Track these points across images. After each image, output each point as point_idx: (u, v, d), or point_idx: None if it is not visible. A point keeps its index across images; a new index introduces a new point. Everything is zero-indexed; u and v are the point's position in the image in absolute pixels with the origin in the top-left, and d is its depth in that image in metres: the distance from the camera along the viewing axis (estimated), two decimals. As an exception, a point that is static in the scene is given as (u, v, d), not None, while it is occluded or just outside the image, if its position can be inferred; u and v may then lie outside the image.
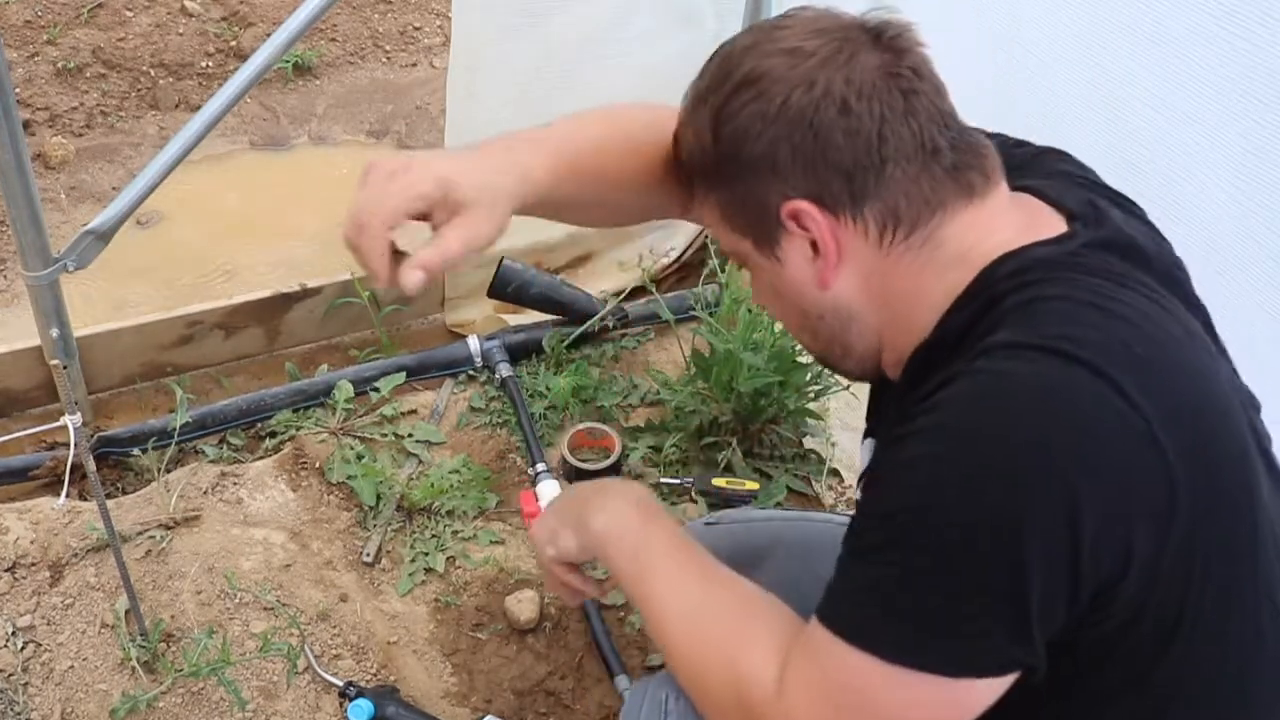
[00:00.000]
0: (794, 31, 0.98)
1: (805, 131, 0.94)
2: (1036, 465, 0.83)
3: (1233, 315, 1.03)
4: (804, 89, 0.94)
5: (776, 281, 1.03)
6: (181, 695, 1.71)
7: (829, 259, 0.97)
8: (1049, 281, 0.91)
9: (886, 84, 0.94)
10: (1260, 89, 1.39)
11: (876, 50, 0.95)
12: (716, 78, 1.00)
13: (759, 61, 0.96)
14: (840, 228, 0.96)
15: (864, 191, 0.94)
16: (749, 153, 0.96)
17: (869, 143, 0.93)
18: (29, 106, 3.16)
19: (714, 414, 2.18)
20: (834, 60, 0.94)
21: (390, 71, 3.63)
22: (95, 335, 2.20)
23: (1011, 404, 0.85)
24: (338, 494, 2.08)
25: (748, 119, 0.96)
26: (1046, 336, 0.86)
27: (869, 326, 1.02)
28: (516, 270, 2.38)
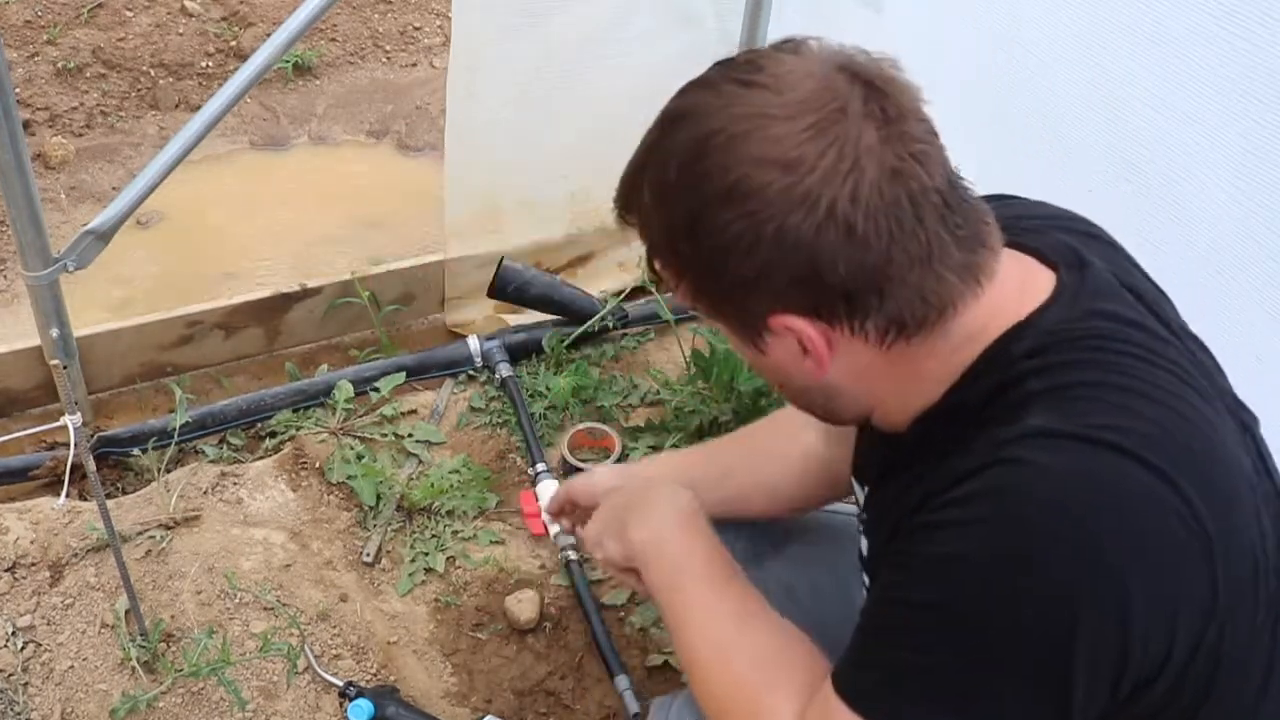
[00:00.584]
0: (778, 109, 0.85)
1: (802, 256, 0.85)
2: (1088, 571, 0.80)
3: (1233, 315, 1.03)
4: (803, 211, 0.84)
5: (757, 360, 0.97)
6: (181, 695, 1.71)
7: (820, 363, 0.91)
8: (1073, 365, 0.87)
9: (893, 190, 0.84)
10: (1260, 89, 1.39)
11: (872, 125, 0.85)
12: (689, 169, 0.87)
13: (747, 171, 0.84)
14: (836, 335, 0.90)
15: (866, 309, 0.87)
16: (736, 269, 0.87)
17: (875, 265, 0.85)
18: (29, 106, 3.16)
19: (714, 414, 2.18)
20: (835, 174, 0.83)
21: (390, 71, 3.63)
22: (95, 335, 2.20)
23: (1059, 500, 0.81)
24: (338, 494, 2.08)
25: (734, 237, 0.86)
26: (1089, 426, 0.83)
27: (859, 402, 0.98)
28: (516, 271, 2.38)
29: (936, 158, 0.88)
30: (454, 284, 2.49)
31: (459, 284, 2.49)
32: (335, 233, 2.95)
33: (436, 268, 2.48)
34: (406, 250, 2.78)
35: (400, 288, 2.48)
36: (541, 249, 2.52)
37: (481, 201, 2.42)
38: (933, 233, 0.86)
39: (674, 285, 0.96)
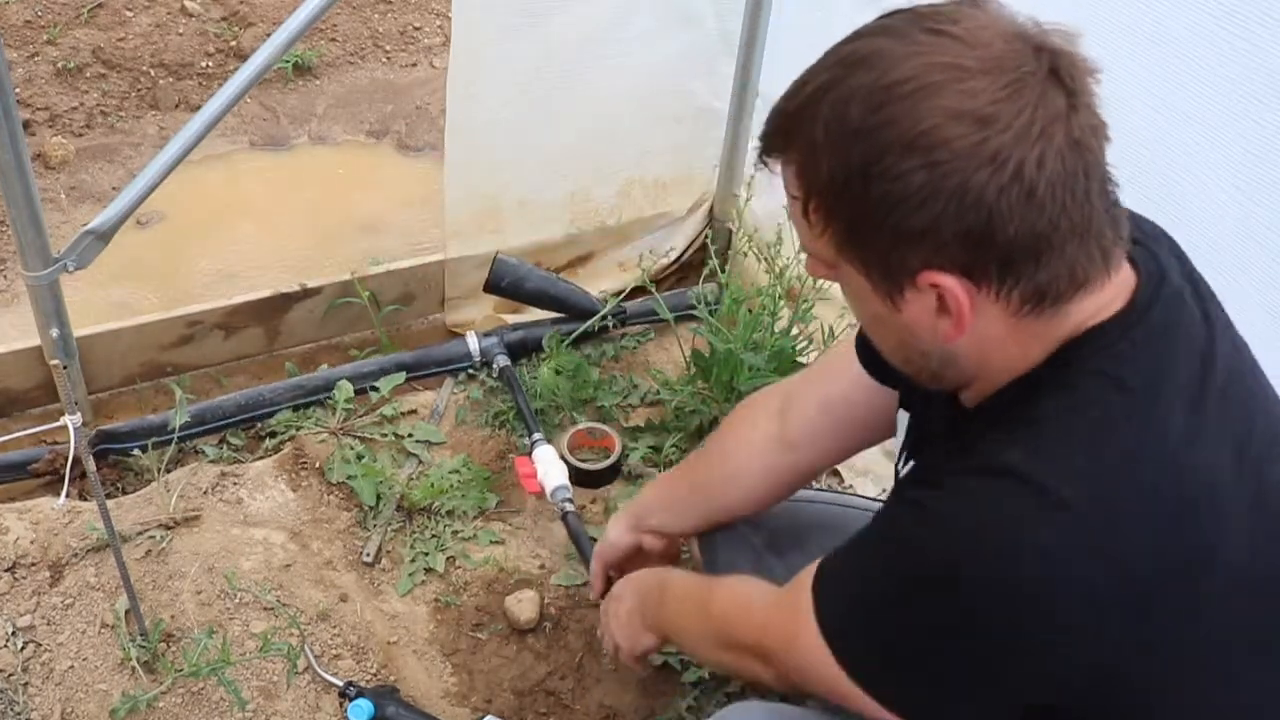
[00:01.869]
0: (974, 63, 0.85)
1: (980, 214, 0.85)
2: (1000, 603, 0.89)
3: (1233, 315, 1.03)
4: (990, 169, 0.84)
5: (881, 314, 0.96)
6: (181, 695, 1.71)
7: (960, 327, 0.91)
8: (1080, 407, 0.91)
9: (1073, 160, 0.86)
10: (1260, 89, 1.39)
11: (1061, 94, 0.85)
12: (873, 114, 0.86)
13: (938, 122, 0.84)
14: (980, 297, 0.90)
15: (1020, 273, 0.88)
16: (903, 220, 0.87)
17: (1042, 231, 0.86)
18: (29, 106, 3.16)
19: (714, 414, 2.18)
20: (1026, 136, 0.84)
21: (390, 71, 3.63)
22: (95, 335, 2.20)
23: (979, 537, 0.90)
24: (338, 494, 2.08)
25: (912, 186, 0.85)
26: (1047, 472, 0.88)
27: (966, 370, 0.99)
28: (511, 265, 2.38)
29: (1105, 135, 0.90)
30: (454, 284, 2.49)
31: (459, 284, 2.49)
32: (335, 233, 2.95)
33: (436, 268, 2.48)
34: (406, 250, 2.78)
35: (400, 288, 2.48)
36: (541, 249, 2.52)
37: (481, 201, 2.42)
38: (1095, 208, 0.88)
39: (819, 232, 0.94)
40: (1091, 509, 0.86)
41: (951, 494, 0.93)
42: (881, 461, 2.01)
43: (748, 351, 2.07)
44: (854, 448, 1.42)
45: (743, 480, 1.47)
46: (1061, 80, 0.86)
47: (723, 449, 1.52)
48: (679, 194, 2.65)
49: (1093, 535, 0.86)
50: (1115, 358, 0.92)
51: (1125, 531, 0.86)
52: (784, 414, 1.43)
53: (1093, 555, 0.86)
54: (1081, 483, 0.87)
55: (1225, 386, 0.93)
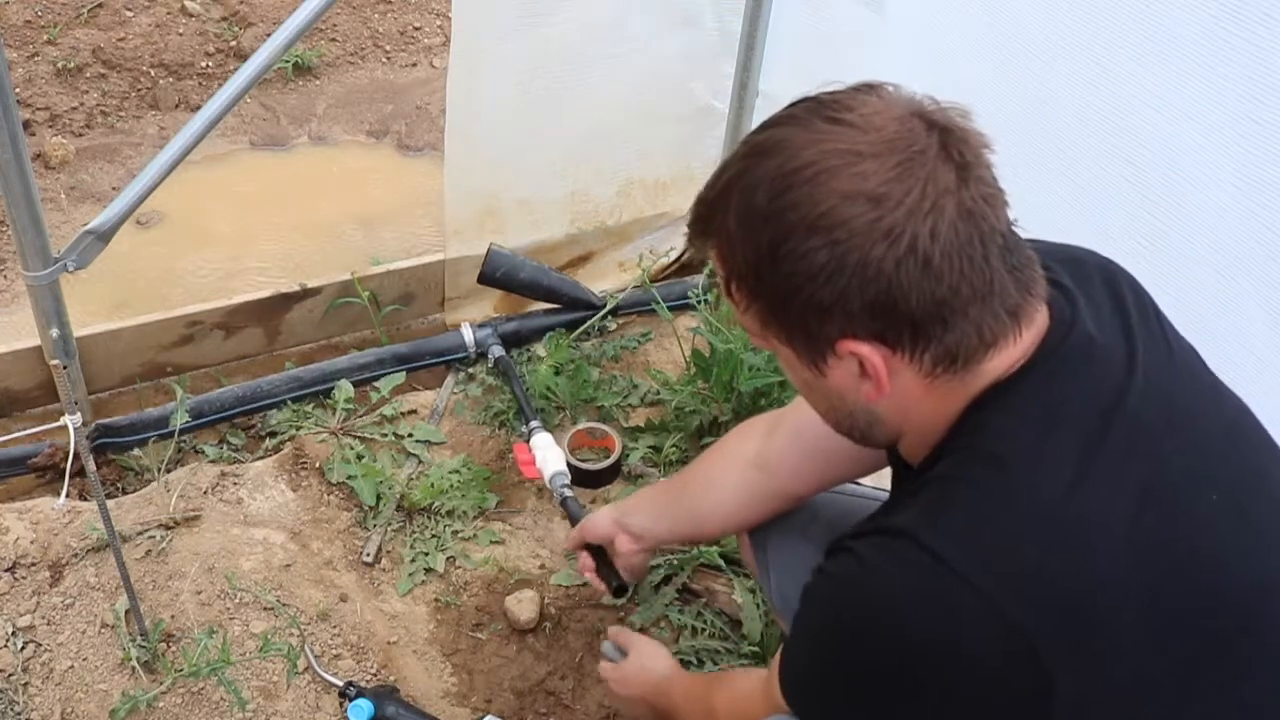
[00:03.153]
0: (866, 147, 0.91)
1: (880, 285, 0.91)
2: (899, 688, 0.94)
3: (1233, 315, 1.03)
4: (886, 244, 0.89)
5: (809, 381, 1.03)
6: (181, 695, 1.71)
7: (880, 389, 0.97)
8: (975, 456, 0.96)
9: (967, 229, 0.91)
10: (1260, 89, 1.39)
11: (951, 168, 0.91)
12: (775, 199, 0.93)
13: (834, 204, 0.90)
14: (895, 361, 0.96)
15: (929, 336, 0.94)
16: (813, 295, 0.93)
17: (943, 298, 0.92)
18: (29, 106, 3.16)
19: (714, 414, 2.18)
20: (918, 211, 0.89)
21: (390, 71, 3.63)
22: (95, 335, 2.20)
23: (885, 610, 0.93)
24: (338, 494, 2.08)
25: (817, 264, 0.91)
26: (937, 533, 0.92)
27: (892, 427, 1.05)
28: (504, 256, 2.39)
29: (1001, 203, 0.95)
30: (454, 284, 2.49)
31: (459, 284, 2.49)
32: (335, 233, 2.95)
33: (436, 268, 2.48)
34: (406, 250, 2.79)
35: (400, 288, 2.48)
36: (541, 249, 2.52)
37: (481, 201, 2.43)
38: (995, 271, 0.93)
39: (744, 309, 1.01)
40: (968, 570, 0.90)
41: (851, 558, 0.98)
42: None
43: (748, 351, 2.07)
44: (833, 477, 1.45)
45: (715, 494, 1.53)
46: (951, 155, 0.91)
47: (706, 462, 1.58)
48: (679, 194, 2.65)
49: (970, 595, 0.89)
50: (998, 427, 0.97)
51: (1002, 589, 0.89)
52: (769, 435, 1.49)
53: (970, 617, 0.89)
54: (959, 545, 0.91)
55: (1136, 427, 0.95)
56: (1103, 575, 0.90)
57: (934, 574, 0.90)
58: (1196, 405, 1.00)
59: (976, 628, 0.89)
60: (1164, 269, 1.59)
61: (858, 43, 2.10)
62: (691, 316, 2.44)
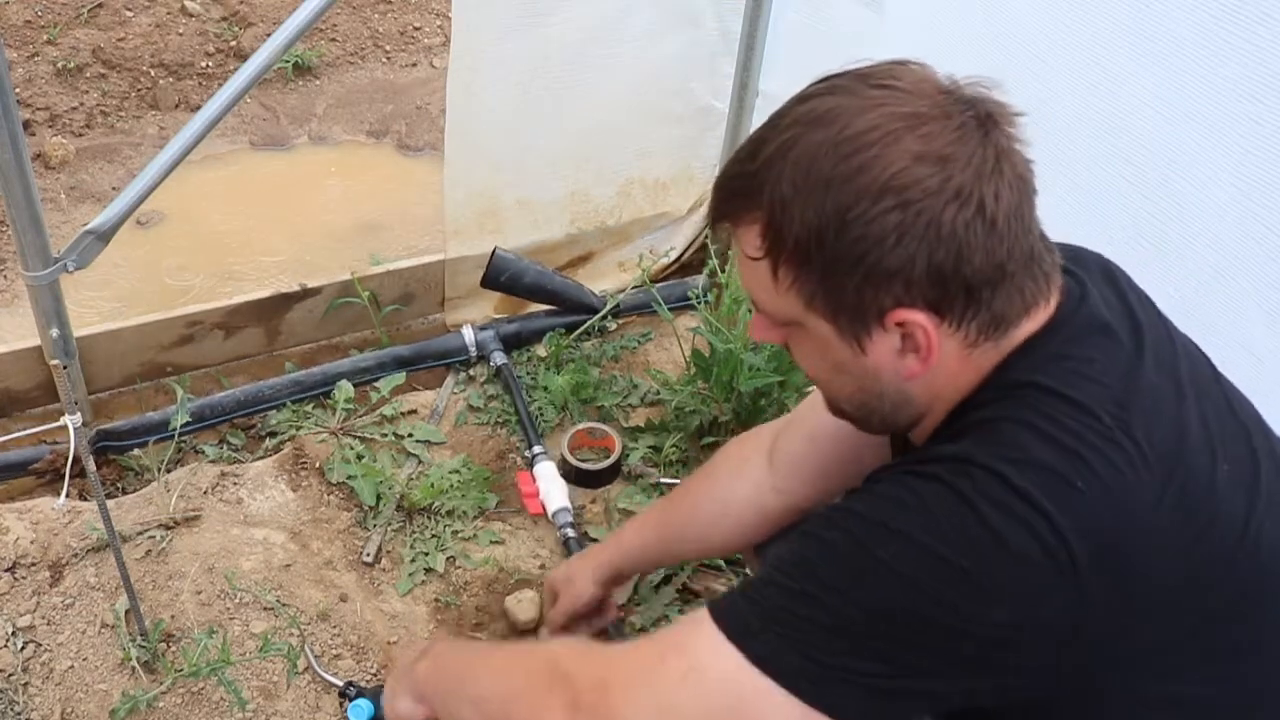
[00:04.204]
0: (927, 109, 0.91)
1: (950, 248, 0.90)
2: (949, 580, 0.87)
3: (1233, 315, 1.03)
4: (956, 205, 0.90)
5: (844, 360, 1.00)
6: (181, 695, 1.71)
7: (926, 361, 0.96)
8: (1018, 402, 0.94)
9: (1019, 193, 0.92)
10: (1260, 89, 1.39)
11: (1000, 134, 0.93)
12: (843, 164, 0.91)
13: (906, 165, 0.89)
14: (943, 331, 0.95)
15: (979, 302, 0.94)
16: (876, 260, 0.91)
17: (1000, 261, 0.92)
18: (29, 106, 3.16)
19: (714, 414, 2.18)
20: (983, 173, 0.90)
21: (390, 71, 3.63)
22: (95, 335, 2.20)
23: (943, 518, 0.89)
24: (338, 494, 2.08)
25: (886, 229, 0.90)
26: (995, 458, 0.90)
27: (918, 407, 1.03)
28: (509, 260, 2.39)
29: (1033, 171, 0.96)
30: (454, 284, 2.49)
31: (459, 284, 2.49)
32: (335, 233, 2.95)
33: (436, 268, 2.48)
34: (406, 250, 2.79)
35: (400, 288, 2.48)
36: (541, 249, 2.52)
37: (481, 201, 2.43)
38: (1037, 236, 0.96)
39: (787, 285, 0.97)
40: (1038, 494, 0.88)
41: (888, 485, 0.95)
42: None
43: (748, 351, 2.07)
44: (848, 479, 1.36)
45: (724, 526, 1.48)
46: (997, 123, 0.93)
47: (705, 495, 1.52)
48: (679, 194, 2.65)
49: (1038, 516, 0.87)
50: (1046, 364, 0.96)
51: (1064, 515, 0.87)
52: (773, 455, 1.45)
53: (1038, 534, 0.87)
54: (1021, 469, 0.89)
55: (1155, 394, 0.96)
56: (1148, 527, 0.89)
57: (1003, 488, 0.88)
58: (1201, 384, 1.01)
59: (1038, 542, 0.86)
60: (1164, 269, 1.59)
61: (857, 42, 2.10)
62: (691, 316, 2.44)
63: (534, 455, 2.15)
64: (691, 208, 2.67)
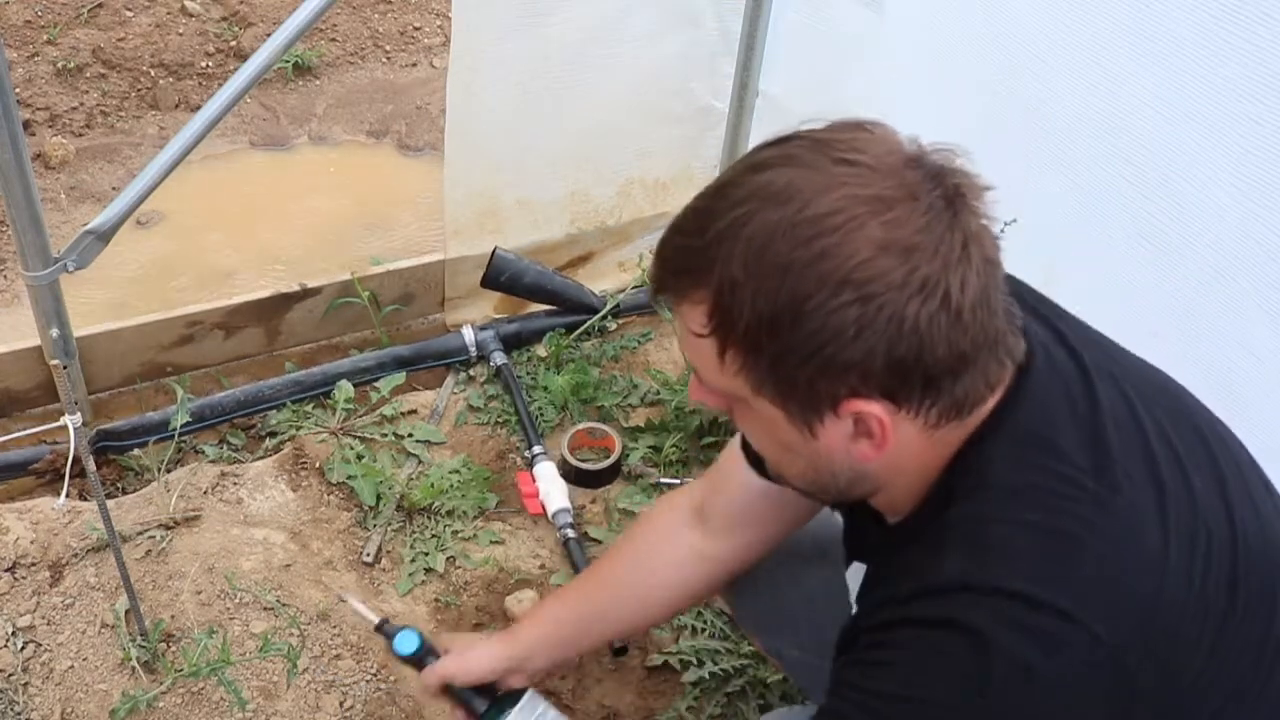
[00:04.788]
0: (893, 192, 0.85)
1: (911, 342, 0.85)
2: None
3: (1233, 315, 1.03)
4: (921, 298, 0.84)
5: (793, 442, 0.95)
6: (181, 695, 1.71)
7: (880, 448, 0.92)
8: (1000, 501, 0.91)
9: (987, 278, 0.87)
10: (1260, 89, 1.39)
11: (970, 215, 0.87)
12: (801, 250, 0.84)
13: (869, 256, 0.83)
14: (900, 418, 0.90)
15: (938, 391, 0.89)
16: (833, 354, 0.86)
17: (964, 350, 0.88)
18: (29, 106, 3.16)
19: (714, 414, 2.18)
20: (950, 261, 0.85)
21: (390, 71, 3.63)
22: (95, 335, 2.20)
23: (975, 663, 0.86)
24: (338, 494, 2.08)
25: (845, 322, 0.84)
26: (1000, 575, 0.87)
27: (875, 483, 0.99)
28: (509, 260, 2.39)
29: (998, 250, 0.91)
30: (454, 284, 2.49)
31: (459, 284, 2.49)
32: (335, 233, 2.95)
33: (436, 268, 2.48)
34: (406, 250, 2.78)
35: (400, 288, 2.48)
36: (541, 249, 2.52)
37: (481, 201, 2.43)
38: (1001, 318, 0.90)
39: (732, 371, 0.91)
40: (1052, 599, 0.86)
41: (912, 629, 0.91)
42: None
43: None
44: (787, 528, 1.32)
45: (655, 601, 1.37)
46: (966, 201, 0.87)
47: (635, 564, 1.38)
48: (679, 194, 2.65)
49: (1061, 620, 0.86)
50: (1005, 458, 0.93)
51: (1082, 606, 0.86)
52: (704, 514, 1.33)
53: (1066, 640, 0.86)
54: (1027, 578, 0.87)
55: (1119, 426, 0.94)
56: (1161, 573, 0.88)
57: (1023, 609, 0.85)
58: (1145, 389, 0.99)
59: (1076, 654, 0.85)
60: (1164, 269, 1.59)
61: (858, 43, 2.10)
62: (691, 316, 2.43)
63: (534, 455, 2.15)
64: (691, 208, 2.67)
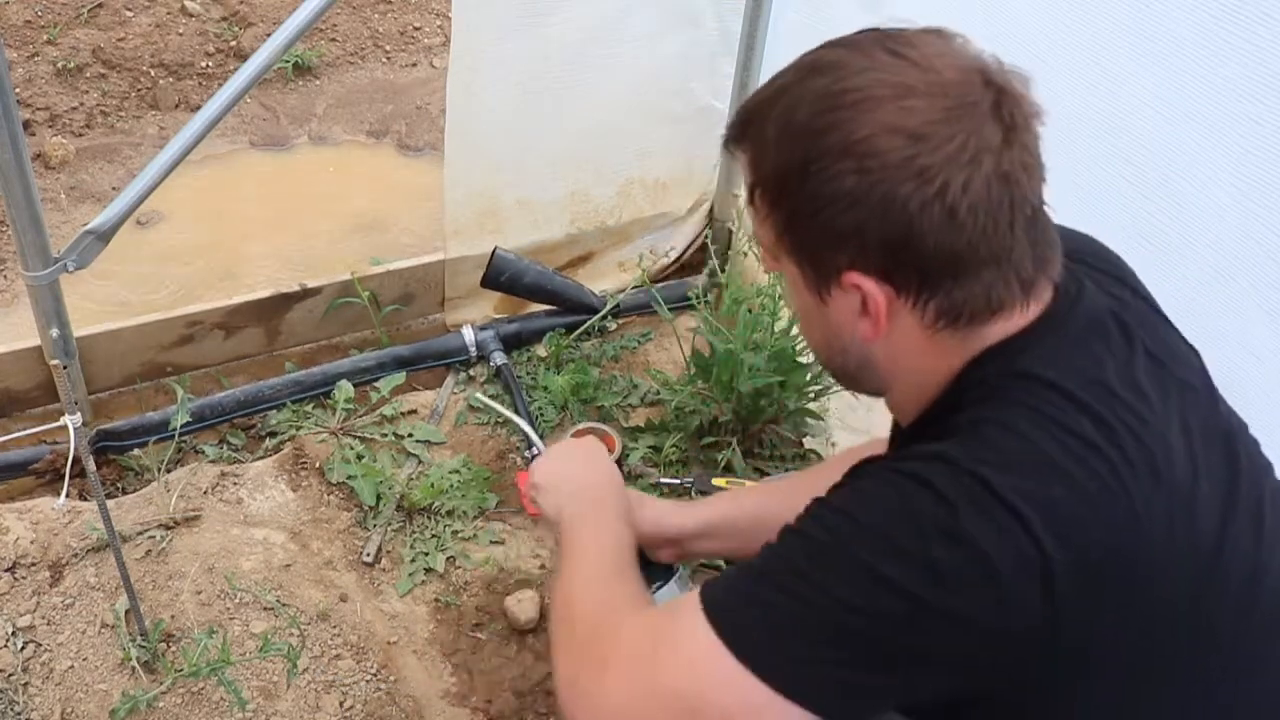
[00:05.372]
0: (920, 85, 0.90)
1: (901, 225, 0.90)
2: (922, 580, 0.86)
3: (1233, 315, 1.03)
4: (915, 184, 0.89)
5: (810, 308, 1.02)
6: (181, 695, 1.71)
7: (878, 328, 0.97)
8: (1000, 402, 0.93)
9: (1000, 191, 0.90)
10: (1260, 89, 1.39)
11: (999, 128, 0.90)
12: (817, 118, 0.92)
13: (873, 133, 0.90)
14: (898, 304, 0.95)
15: (936, 287, 0.94)
16: (830, 219, 0.92)
17: (959, 252, 0.91)
18: (29, 106, 3.16)
19: (714, 414, 2.18)
20: (957, 159, 0.89)
21: (390, 71, 3.63)
22: (95, 335, 2.20)
23: (921, 513, 0.88)
24: (338, 494, 2.08)
25: (843, 190, 0.91)
26: (977, 463, 0.89)
27: (880, 379, 1.04)
28: (509, 260, 2.39)
29: (1039, 175, 0.95)
30: (454, 284, 2.49)
31: (459, 284, 2.49)
32: (335, 233, 2.95)
33: (436, 268, 2.48)
34: (406, 250, 2.79)
35: (400, 288, 2.48)
36: (541, 249, 2.52)
37: (481, 201, 2.43)
38: (1018, 240, 0.93)
39: (762, 218, 1.00)
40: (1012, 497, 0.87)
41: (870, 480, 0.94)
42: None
43: (748, 351, 2.07)
44: None
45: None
46: (1002, 115, 0.91)
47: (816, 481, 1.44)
48: (679, 194, 2.65)
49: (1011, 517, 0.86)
50: (1031, 367, 0.94)
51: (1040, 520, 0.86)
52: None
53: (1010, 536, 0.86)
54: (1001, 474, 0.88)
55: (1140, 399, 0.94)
56: (1129, 539, 0.88)
57: (983, 491, 0.87)
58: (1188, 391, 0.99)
59: (1012, 547, 0.86)
60: (1164, 269, 1.59)
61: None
62: (691, 316, 2.44)
63: (534, 455, 2.15)
64: (691, 208, 2.67)
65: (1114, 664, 0.90)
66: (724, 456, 2.15)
